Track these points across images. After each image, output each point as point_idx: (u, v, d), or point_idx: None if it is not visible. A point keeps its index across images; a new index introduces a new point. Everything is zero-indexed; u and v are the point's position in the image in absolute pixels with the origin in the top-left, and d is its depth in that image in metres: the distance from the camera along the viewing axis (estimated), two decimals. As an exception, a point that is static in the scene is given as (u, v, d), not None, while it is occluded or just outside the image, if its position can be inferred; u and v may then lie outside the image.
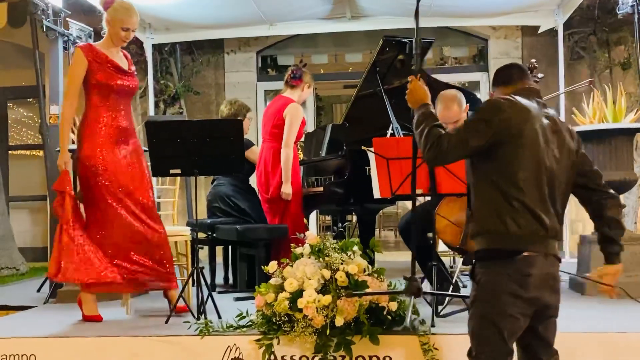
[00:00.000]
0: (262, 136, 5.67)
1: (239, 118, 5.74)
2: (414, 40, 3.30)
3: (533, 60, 4.87)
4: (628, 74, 8.16)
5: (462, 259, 4.47)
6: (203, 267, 4.34)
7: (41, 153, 9.51)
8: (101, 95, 4.36)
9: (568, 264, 6.55)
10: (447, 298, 4.23)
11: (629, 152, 5.06)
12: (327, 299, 3.56)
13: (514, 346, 2.67)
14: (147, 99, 8.35)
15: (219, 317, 4.11)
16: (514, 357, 2.67)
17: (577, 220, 8.68)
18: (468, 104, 4.69)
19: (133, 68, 4.57)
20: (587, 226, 8.47)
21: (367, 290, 3.61)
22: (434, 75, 6.13)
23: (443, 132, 2.68)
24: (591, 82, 4.80)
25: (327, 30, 8.49)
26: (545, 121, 2.67)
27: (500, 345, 2.56)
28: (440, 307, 4.19)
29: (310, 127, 9.09)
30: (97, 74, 4.34)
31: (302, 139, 6.20)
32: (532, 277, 2.53)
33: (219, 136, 4.28)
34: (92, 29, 6.53)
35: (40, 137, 7.92)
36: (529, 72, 4.22)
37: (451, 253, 5.70)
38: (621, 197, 5.26)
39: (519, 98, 2.69)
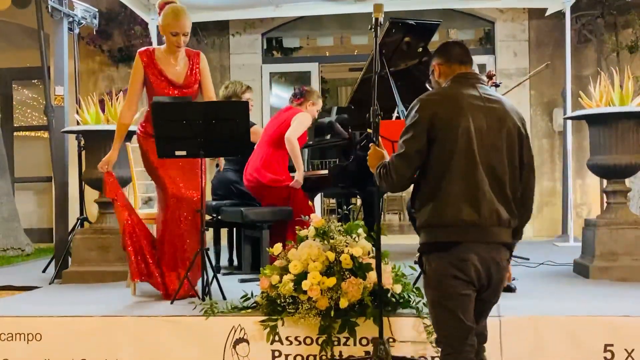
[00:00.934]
0: (260, 139, 5.62)
1: (233, 99, 5.72)
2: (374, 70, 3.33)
3: (490, 69, 4.96)
4: (635, 58, 8.12)
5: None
6: (208, 249, 4.35)
7: (46, 134, 9.55)
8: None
9: (573, 247, 6.55)
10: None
11: (635, 136, 5.04)
12: (331, 281, 3.57)
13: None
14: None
15: (224, 298, 4.14)
16: None
17: (581, 204, 8.68)
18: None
19: (195, 74, 4.56)
20: (592, 210, 8.47)
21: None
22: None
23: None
24: (547, 66, 4.84)
25: (332, 12, 8.43)
26: (481, 109, 2.71)
27: (458, 324, 2.68)
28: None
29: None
30: (152, 81, 4.47)
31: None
32: (470, 262, 2.64)
33: (225, 118, 4.26)
34: (97, 10, 6.52)
35: (45, 118, 7.93)
36: (489, 79, 4.26)
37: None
38: (626, 181, 5.26)
39: (451, 88, 2.77)
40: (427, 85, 3.37)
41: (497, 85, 4.89)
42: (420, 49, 6.08)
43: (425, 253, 2.77)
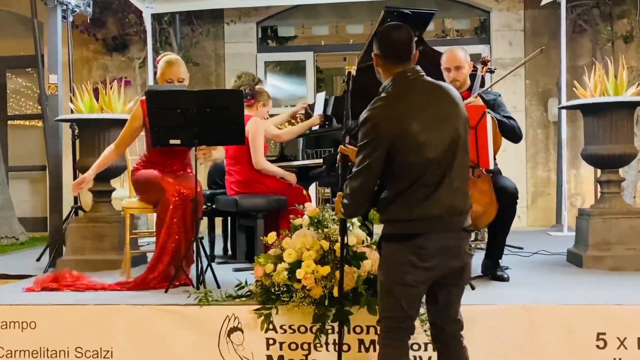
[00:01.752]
0: (226, 156, 5.55)
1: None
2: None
3: (485, 55, 4.93)
4: (630, 48, 8.11)
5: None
6: (202, 238, 4.35)
7: (40, 123, 9.52)
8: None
9: (567, 237, 6.58)
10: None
11: (630, 126, 5.05)
12: (325, 269, 3.57)
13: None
14: (147, 69, 8.31)
15: (218, 286, 4.14)
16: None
17: (575, 194, 8.70)
18: (472, 62, 4.71)
19: None
20: (586, 200, 8.50)
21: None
22: (435, 48, 6.09)
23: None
24: (542, 51, 4.82)
25: (328, 1, 8.42)
26: (426, 107, 2.77)
27: (399, 310, 2.79)
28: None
29: (310, 100, 9.07)
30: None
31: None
32: (428, 250, 2.72)
33: (219, 107, 4.26)
34: (90, -2, 6.49)
35: (39, 107, 7.91)
36: (484, 65, 4.21)
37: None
38: (620, 170, 5.26)
39: (394, 95, 2.81)
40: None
41: (491, 72, 4.86)
42: (416, 38, 6.06)
43: (386, 240, 2.86)
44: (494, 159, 4.43)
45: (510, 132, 4.50)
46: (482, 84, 4.68)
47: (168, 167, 4.66)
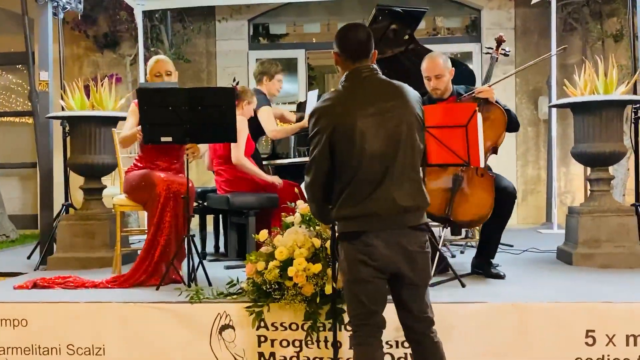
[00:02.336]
0: (212, 167, 5.58)
1: (264, 77, 5.80)
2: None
3: (501, 34, 4.88)
4: (620, 46, 8.15)
5: (447, 229, 4.49)
6: (194, 235, 4.35)
7: (30, 120, 9.48)
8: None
9: (556, 234, 6.62)
10: (434, 267, 4.26)
11: (619, 124, 5.08)
12: (317, 267, 3.58)
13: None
14: (138, 66, 8.29)
15: (210, 284, 4.14)
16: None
17: (565, 192, 8.74)
18: (454, 69, 4.68)
19: None
20: (576, 198, 8.54)
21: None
22: (426, 46, 6.11)
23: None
24: (564, 49, 4.81)
25: (319, -1, 8.44)
26: (374, 103, 2.83)
27: (362, 307, 2.88)
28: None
29: (301, 97, 9.07)
30: None
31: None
32: (376, 248, 2.80)
33: (210, 104, 4.26)
34: (82, -5, 6.46)
35: (29, 104, 7.87)
36: (498, 44, 4.22)
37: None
38: (610, 169, 5.30)
39: (344, 90, 2.90)
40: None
41: (506, 54, 4.81)
42: (407, 36, 6.08)
43: (339, 240, 2.94)
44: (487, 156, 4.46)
45: (514, 121, 4.53)
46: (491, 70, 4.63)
47: (160, 165, 4.67)
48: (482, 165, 4.15)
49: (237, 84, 5.64)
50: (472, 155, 4.12)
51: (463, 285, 4.08)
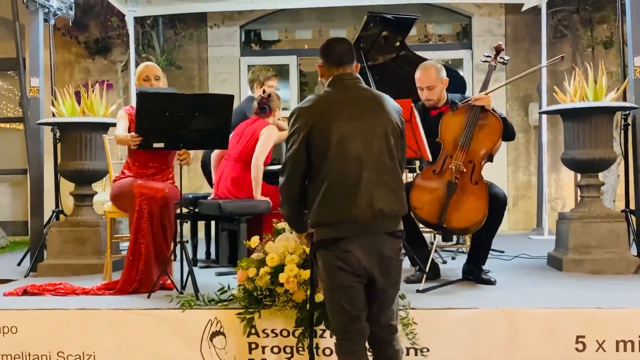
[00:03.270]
0: (227, 154, 5.47)
1: (255, 84, 5.77)
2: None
3: (500, 43, 4.90)
4: (610, 53, 8.19)
5: (440, 235, 4.50)
6: (187, 242, 4.34)
7: (21, 126, 9.43)
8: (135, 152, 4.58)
9: (547, 240, 6.64)
10: (425, 274, 4.27)
11: (609, 130, 5.12)
12: (307, 273, 3.57)
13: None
14: (129, 72, 8.28)
15: (196, 291, 4.07)
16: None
17: (556, 198, 8.77)
18: (448, 79, 4.70)
19: None
20: (566, 204, 8.57)
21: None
22: (417, 52, 6.13)
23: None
24: (562, 58, 4.85)
25: (311, 5, 8.45)
26: (354, 110, 2.88)
27: (344, 314, 2.87)
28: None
29: (293, 103, 9.08)
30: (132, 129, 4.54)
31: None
32: (352, 254, 2.80)
33: (208, 111, 4.27)
34: (72, 1, 6.45)
35: (20, 110, 7.85)
36: (497, 52, 4.30)
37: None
38: (600, 175, 5.32)
39: (326, 94, 2.96)
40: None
41: (504, 63, 4.83)
42: (398, 43, 6.11)
43: (316, 249, 2.94)
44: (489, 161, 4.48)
45: (510, 129, 4.55)
46: (488, 78, 4.67)
47: (147, 172, 4.66)
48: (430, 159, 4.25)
49: (269, 96, 5.62)
50: (421, 148, 4.20)
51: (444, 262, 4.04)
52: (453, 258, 5.65)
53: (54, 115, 5.56)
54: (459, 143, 4.39)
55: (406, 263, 4.72)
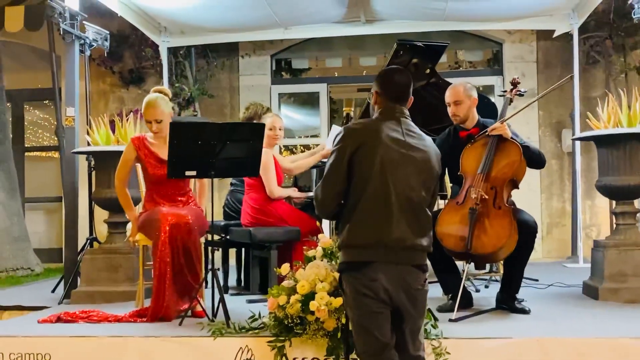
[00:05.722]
0: (245, 194, 5.58)
1: (255, 121, 5.77)
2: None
3: (516, 77, 4.90)
4: (643, 79, 8.12)
5: (470, 264, 4.46)
6: (218, 269, 4.35)
7: (57, 155, 9.61)
8: (148, 181, 4.79)
9: (582, 268, 6.52)
10: (457, 303, 4.22)
11: (644, 157, 5.04)
12: (338, 301, 3.56)
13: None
14: (162, 101, 8.38)
15: (227, 318, 4.07)
16: None
17: (591, 225, 8.64)
18: (477, 98, 4.70)
19: None
20: (602, 231, 8.43)
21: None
22: (448, 79, 6.13)
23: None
24: (571, 78, 4.82)
25: (341, 34, 8.50)
26: (399, 141, 2.93)
27: (374, 341, 2.86)
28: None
29: (323, 130, 9.12)
30: (144, 161, 4.71)
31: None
32: (379, 282, 2.82)
33: (239, 139, 4.31)
34: (108, 32, 6.58)
35: (56, 138, 7.99)
36: (513, 86, 4.33)
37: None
38: (636, 202, 5.23)
39: (376, 120, 3.04)
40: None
41: (521, 95, 4.84)
42: (428, 70, 6.12)
43: (342, 272, 2.97)
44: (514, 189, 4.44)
45: (536, 156, 4.51)
46: (504, 110, 4.68)
47: (164, 200, 4.73)
48: None
49: (265, 113, 5.65)
50: None
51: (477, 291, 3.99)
52: (486, 287, 5.58)
53: (88, 144, 5.65)
54: (478, 171, 4.39)
55: (438, 292, 4.73)
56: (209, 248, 4.68)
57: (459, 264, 4.70)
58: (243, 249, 6.06)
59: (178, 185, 4.78)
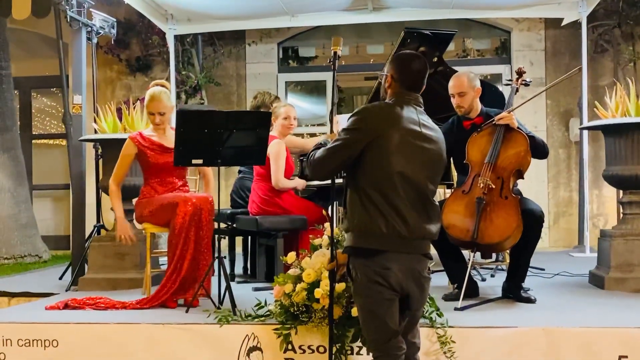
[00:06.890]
0: (253, 182, 5.59)
1: (262, 110, 5.78)
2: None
3: (522, 67, 4.88)
4: (652, 68, 8.07)
5: (476, 253, 4.45)
6: (225, 257, 4.36)
7: (64, 142, 9.65)
8: (150, 173, 4.77)
9: (589, 258, 6.52)
10: (463, 292, 4.22)
11: (652, 146, 5.02)
12: (341, 286, 3.55)
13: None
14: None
15: (233, 306, 4.08)
16: None
17: (598, 215, 8.62)
18: (481, 88, 4.68)
19: None
20: (609, 221, 8.42)
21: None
22: (455, 67, 6.10)
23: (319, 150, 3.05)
24: (580, 69, 4.79)
25: (348, 22, 8.46)
26: (414, 130, 2.91)
27: (384, 328, 2.87)
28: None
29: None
30: (146, 153, 4.69)
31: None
32: (392, 271, 2.83)
33: (246, 128, 4.32)
34: (115, 20, 6.58)
35: (63, 126, 8.02)
36: (519, 76, 4.31)
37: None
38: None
39: (394, 105, 2.96)
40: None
41: (526, 85, 4.82)
42: (436, 59, 6.09)
43: (351, 258, 2.95)
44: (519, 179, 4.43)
45: (540, 147, 4.50)
46: (511, 99, 4.67)
47: (164, 187, 4.75)
48: None
49: (273, 102, 5.65)
50: None
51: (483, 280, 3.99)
52: (492, 276, 5.58)
53: (96, 131, 5.66)
54: (485, 161, 4.37)
55: (443, 280, 4.73)
56: (216, 236, 4.69)
57: (465, 252, 4.70)
58: (249, 237, 6.07)
59: (180, 174, 4.81)
